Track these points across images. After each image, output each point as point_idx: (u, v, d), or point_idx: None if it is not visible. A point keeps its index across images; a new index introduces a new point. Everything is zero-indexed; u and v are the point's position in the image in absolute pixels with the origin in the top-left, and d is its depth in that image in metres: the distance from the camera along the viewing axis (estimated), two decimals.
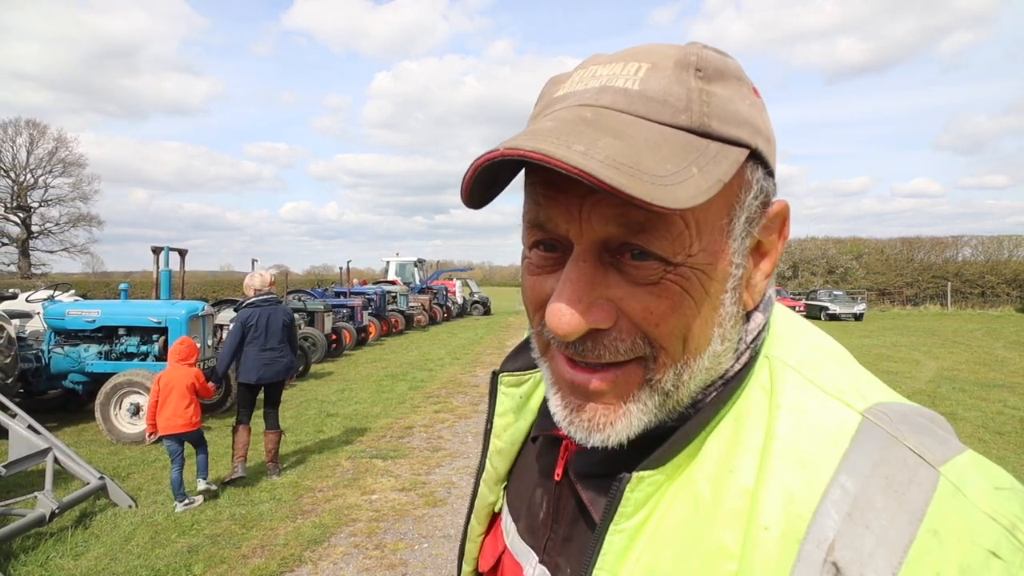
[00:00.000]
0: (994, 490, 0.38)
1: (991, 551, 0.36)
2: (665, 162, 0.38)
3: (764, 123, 0.44)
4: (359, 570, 3.53)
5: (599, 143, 0.38)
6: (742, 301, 0.45)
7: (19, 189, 40.22)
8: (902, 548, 0.36)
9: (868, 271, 32.26)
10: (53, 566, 3.51)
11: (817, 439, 0.40)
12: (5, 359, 6.30)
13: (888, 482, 0.38)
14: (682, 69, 0.41)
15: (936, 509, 0.37)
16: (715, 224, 0.41)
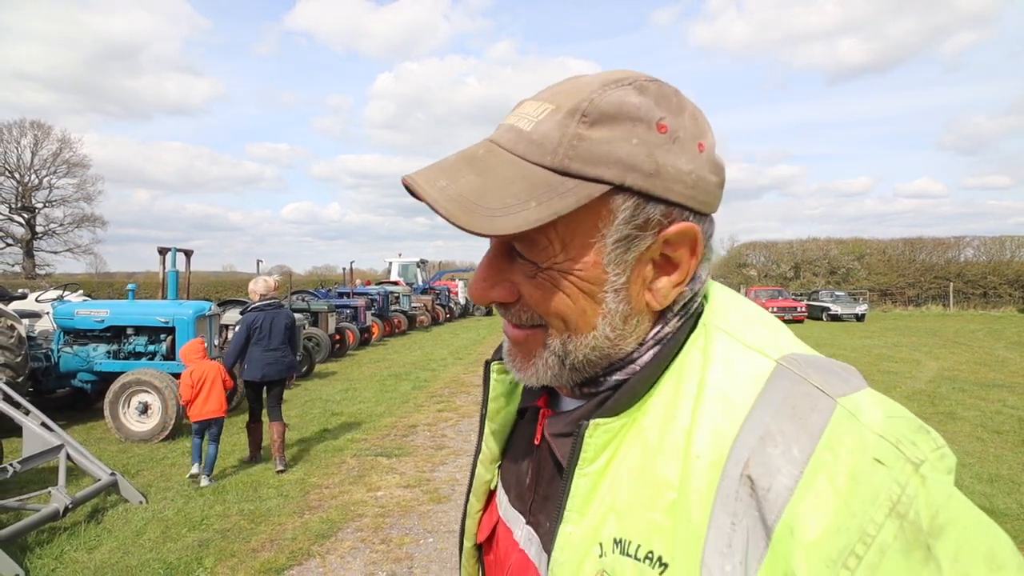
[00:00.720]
0: (886, 416, 0.46)
1: (877, 459, 0.43)
2: (507, 197, 0.48)
3: (654, 160, 0.50)
4: (366, 563, 3.62)
5: (461, 180, 0.50)
6: (635, 301, 0.54)
7: (24, 190, 40.41)
8: (802, 462, 0.44)
9: (870, 272, 32.28)
10: (68, 559, 3.61)
11: (739, 383, 0.49)
12: (16, 358, 6.41)
13: (794, 411, 0.46)
14: (569, 116, 0.50)
15: (832, 430, 0.45)
16: (582, 242, 0.52)
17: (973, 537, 0.42)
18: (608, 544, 0.50)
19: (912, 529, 0.41)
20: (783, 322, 0.56)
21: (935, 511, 0.42)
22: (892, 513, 0.42)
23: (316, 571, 3.52)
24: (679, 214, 0.53)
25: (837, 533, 0.41)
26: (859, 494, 0.42)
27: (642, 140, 0.50)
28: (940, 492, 0.43)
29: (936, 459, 0.45)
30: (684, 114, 0.53)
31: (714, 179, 0.55)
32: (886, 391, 8.74)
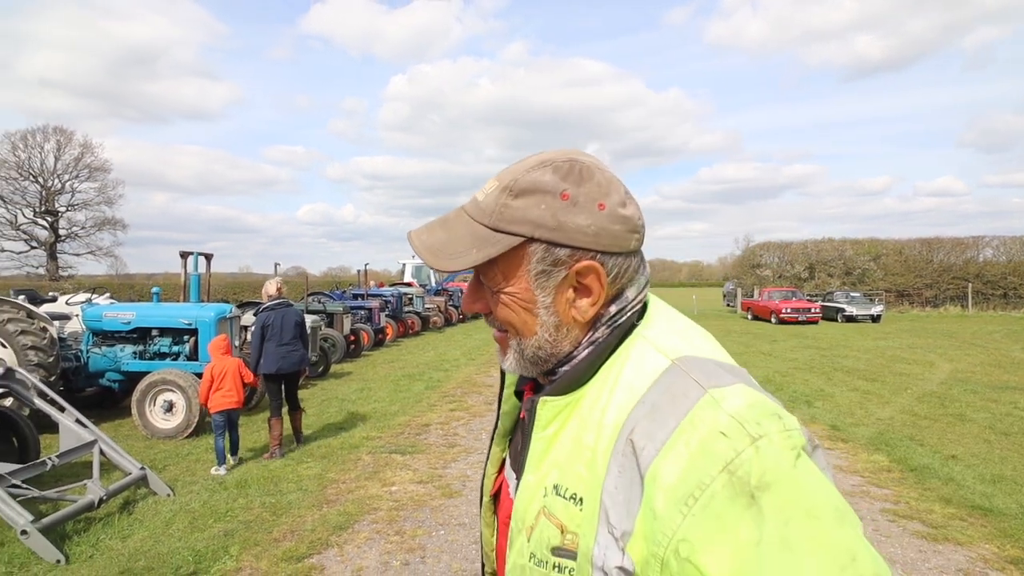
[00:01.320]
0: (744, 404, 0.62)
1: (722, 432, 0.60)
2: (459, 246, 0.73)
3: (556, 219, 0.71)
4: (381, 553, 3.81)
5: (434, 236, 0.76)
6: (562, 315, 0.75)
7: (47, 194, 41.31)
8: (669, 431, 0.62)
9: (886, 272, 31.95)
10: (103, 546, 3.85)
11: (641, 375, 0.68)
12: (48, 358, 6.71)
13: (672, 396, 0.65)
14: (502, 191, 0.73)
15: (696, 410, 0.63)
16: (515, 274, 0.74)
17: (797, 494, 0.57)
18: (550, 489, 0.70)
19: (739, 483, 0.57)
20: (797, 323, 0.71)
21: (763, 472, 0.58)
22: (724, 470, 0.58)
23: (334, 560, 3.72)
24: (584, 254, 0.72)
25: (684, 481, 0.59)
26: (703, 455, 0.59)
27: (548, 206, 0.71)
28: (770, 459, 0.58)
29: (779, 437, 0.60)
30: (587, 184, 0.72)
31: (618, 228, 0.73)
32: (896, 393, 8.82)
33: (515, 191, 0.72)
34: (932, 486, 4.97)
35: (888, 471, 5.42)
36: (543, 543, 0.70)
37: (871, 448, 6.11)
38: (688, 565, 0.58)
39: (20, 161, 40.04)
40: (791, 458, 0.60)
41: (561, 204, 0.71)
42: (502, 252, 0.71)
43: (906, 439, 6.38)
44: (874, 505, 4.63)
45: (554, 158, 0.74)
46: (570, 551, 0.67)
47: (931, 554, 3.82)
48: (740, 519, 0.57)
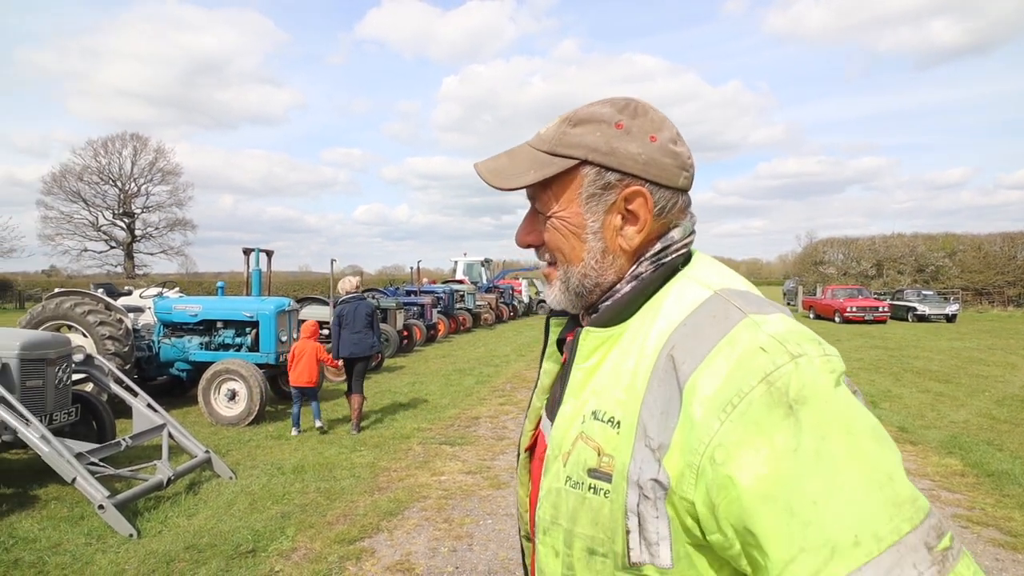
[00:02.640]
0: (785, 329, 0.64)
1: (761, 347, 0.62)
2: (519, 168, 0.77)
3: (609, 144, 0.74)
4: (429, 539, 3.87)
5: (499, 161, 0.80)
6: (609, 241, 0.77)
7: (125, 197, 44.02)
8: (709, 347, 0.64)
9: (963, 269, 30.07)
10: (171, 523, 4.06)
11: (682, 303, 0.71)
12: (123, 347, 7.14)
13: (714, 318, 0.67)
14: (562, 122, 0.78)
15: (736, 330, 0.65)
16: (568, 197, 0.77)
17: (835, 411, 0.58)
18: (588, 415, 0.72)
19: (778, 393, 0.59)
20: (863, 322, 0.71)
21: (801, 386, 0.59)
22: (763, 381, 0.60)
23: (384, 544, 3.81)
24: (633, 181, 0.75)
25: (723, 390, 0.61)
26: (743, 367, 0.61)
27: (603, 133, 0.75)
28: (809, 376, 0.59)
29: (819, 359, 0.61)
30: (641, 118, 0.76)
31: (667, 161, 0.76)
32: (973, 395, 8.32)
33: (574, 121, 0.77)
34: (1012, 492, 4.64)
35: (962, 475, 5.10)
36: (579, 465, 0.71)
37: (943, 451, 5.76)
38: (722, 471, 0.59)
39: (101, 166, 42.85)
40: (830, 379, 0.61)
41: (615, 132, 0.75)
42: (557, 173, 0.75)
43: (983, 443, 5.99)
44: (945, 510, 4.37)
45: (614, 98, 0.79)
46: (606, 473, 0.68)
47: (1009, 563, 3.57)
48: (777, 427, 0.58)
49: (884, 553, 0.55)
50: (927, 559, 0.56)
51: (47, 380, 4.76)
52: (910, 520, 0.57)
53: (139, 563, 3.49)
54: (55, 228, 42.48)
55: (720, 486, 0.59)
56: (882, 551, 0.55)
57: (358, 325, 6.64)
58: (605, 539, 0.68)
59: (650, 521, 0.65)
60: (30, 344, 4.66)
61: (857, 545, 0.55)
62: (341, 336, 6.61)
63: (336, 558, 3.59)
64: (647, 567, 0.66)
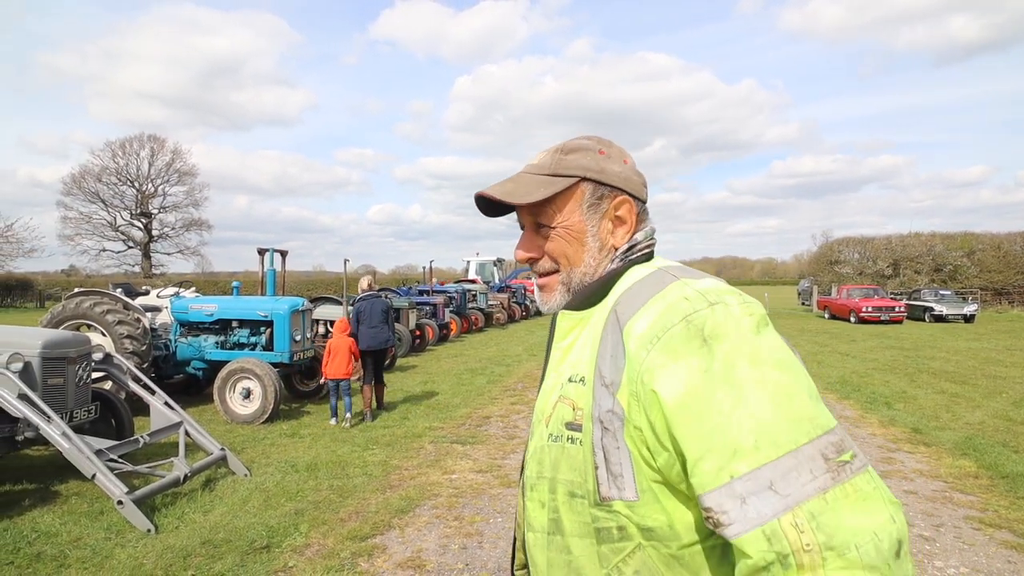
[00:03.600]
0: (710, 286, 0.81)
1: (685, 297, 0.79)
2: (527, 188, 0.93)
3: (599, 165, 0.94)
4: (440, 536, 3.92)
5: (506, 186, 0.96)
6: (604, 240, 0.94)
7: (142, 197, 44.63)
8: (644, 300, 0.82)
9: (982, 269, 29.55)
10: (188, 519, 4.15)
11: (631, 278, 0.90)
12: (142, 346, 7.27)
13: (652, 283, 0.85)
14: (555, 152, 0.97)
15: (667, 289, 0.82)
16: (571, 209, 0.94)
17: (743, 345, 0.73)
18: (564, 380, 0.89)
19: (695, 329, 0.74)
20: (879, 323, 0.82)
21: (715, 324, 0.74)
22: (683, 320, 0.76)
23: (396, 541, 3.86)
24: (619, 192, 0.95)
25: (651, 328, 0.78)
26: (668, 311, 0.78)
27: (592, 158, 0.95)
28: (722, 316, 0.75)
29: (737, 307, 0.76)
30: (613, 147, 0.98)
31: (637, 178, 0.98)
32: (989, 396, 8.24)
33: (565, 150, 0.96)
34: None
35: (975, 477, 5.05)
36: (559, 421, 0.86)
37: (957, 453, 5.71)
38: (650, 392, 0.74)
39: (119, 167, 43.51)
40: (748, 322, 0.75)
41: (600, 156, 0.95)
42: (562, 189, 0.92)
43: (998, 445, 5.92)
44: (957, 512, 4.34)
45: (588, 135, 0.99)
46: (579, 424, 0.82)
47: (1022, 565, 3.54)
48: (692, 353, 0.73)
49: (782, 457, 0.66)
50: (823, 467, 0.66)
51: (68, 378, 4.87)
52: (807, 434, 0.68)
53: (156, 557, 3.57)
54: (74, 228, 43.24)
55: (650, 403, 0.73)
56: (780, 456, 0.67)
57: (375, 320, 7.34)
58: (581, 481, 0.81)
59: (612, 453, 0.77)
60: (51, 343, 4.77)
61: (757, 449, 0.67)
62: (360, 330, 7.28)
63: (348, 554, 3.65)
64: (616, 503, 0.77)
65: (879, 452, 5.82)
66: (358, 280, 8.14)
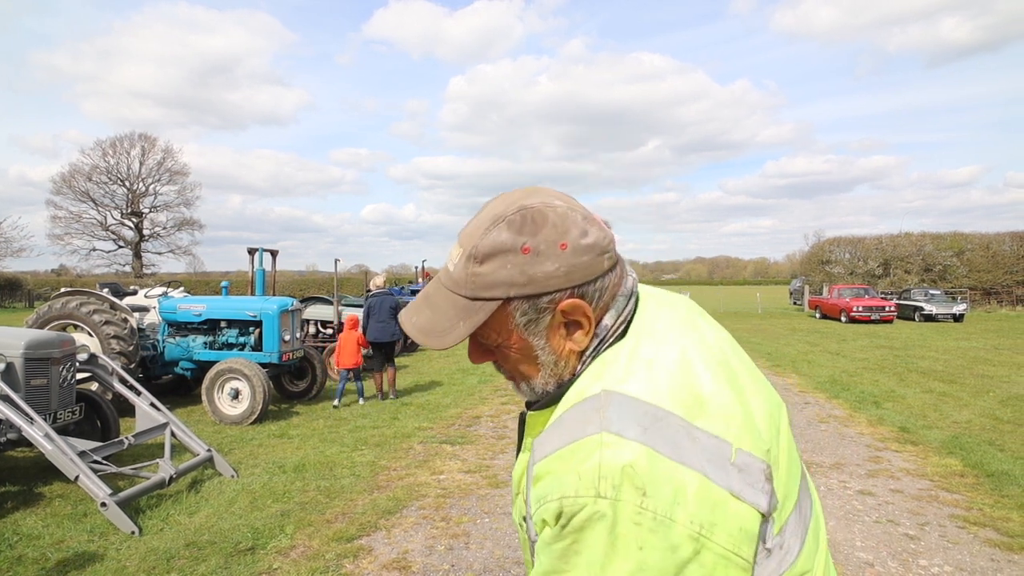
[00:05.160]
0: (622, 464, 0.64)
1: (578, 472, 0.65)
2: (446, 322, 0.77)
3: (524, 274, 0.74)
4: (426, 537, 3.91)
5: (421, 316, 0.80)
6: (560, 351, 0.79)
7: (133, 197, 44.33)
8: (555, 447, 0.69)
9: (971, 269, 29.79)
10: (172, 521, 4.11)
11: (575, 394, 0.74)
12: (129, 347, 7.21)
13: (574, 421, 0.70)
14: (468, 260, 0.76)
15: (579, 444, 0.67)
16: (506, 331, 0.78)
17: (592, 559, 0.63)
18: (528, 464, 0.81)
19: (564, 517, 0.65)
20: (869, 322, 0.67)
21: (583, 523, 0.63)
22: (558, 500, 0.65)
23: (382, 542, 3.84)
24: (563, 294, 0.75)
25: (541, 488, 0.68)
26: (559, 480, 0.66)
27: (513, 264, 0.74)
28: (596, 519, 0.63)
29: (627, 508, 0.62)
30: (543, 230, 0.74)
31: (585, 259, 0.75)
32: (977, 395, 8.29)
33: (479, 257, 0.75)
34: (1011, 493, 4.63)
35: (961, 476, 5.09)
36: (520, 511, 0.83)
37: (943, 452, 5.75)
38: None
39: (109, 166, 43.21)
40: (624, 529, 0.62)
41: (524, 259, 0.73)
42: (488, 318, 0.75)
43: (984, 443, 5.96)
44: (943, 510, 4.36)
45: (504, 212, 0.75)
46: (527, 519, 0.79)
47: (1005, 563, 3.57)
48: (548, 539, 0.67)
49: None
50: None
51: (51, 379, 4.82)
52: None
53: (140, 560, 3.54)
54: (64, 228, 42.91)
55: None
56: None
57: (383, 316, 8.16)
58: None
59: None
60: (34, 343, 4.72)
61: None
62: (369, 324, 8.16)
63: (334, 556, 3.63)
64: None
65: (867, 451, 5.85)
66: (372, 278, 9.23)
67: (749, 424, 0.71)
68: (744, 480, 0.66)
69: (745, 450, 0.68)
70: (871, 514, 4.33)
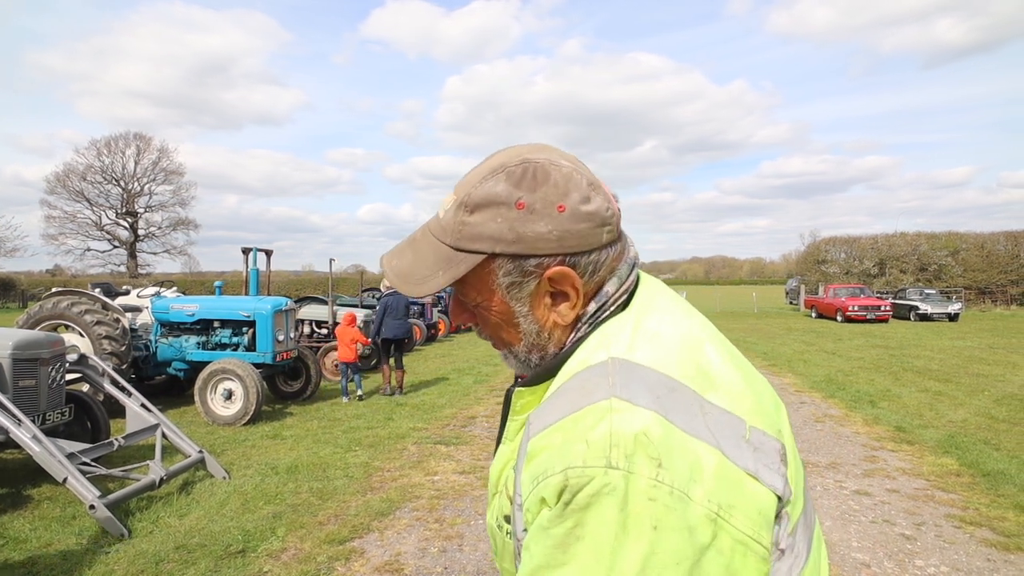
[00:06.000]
0: (635, 431, 0.57)
1: (587, 442, 0.58)
2: (426, 269, 0.71)
3: (514, 231, 0.68)
4: (420, 539, 3.87)
5: (403, 259, 0.74)
6: (543, 321, 0.72)
7: (128, 196, 44.12)
8: (557, 417, 0.62)
9: (966, 268, 29.89)
10: (162, 523, 4.06)
11: (575, 364, 0.68)
12: (120, 347, 7.15)
13: (579, 388, 0.63)
14: (458, 207, 0.70)
15: (588, 411, 0.60)
16: (487, 289, 0.72)
17: (604, 534, 0.55)
18: (511, 464, 0.76)
19: (568, 490, 0.56)
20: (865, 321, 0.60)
21: (592, 495, 0.55)
22: (562, 472, 0.57)
23: (375, 544, 3.80)
24: (552, 260, 0.69)
25: (541, 463, 0.60)
26: (562, 450, 0.59)
27: (504, 218, 0.68)
28: (607, 490, 0.55)
29: (641, 481, 0.55)
30: (543, 187, 0.68)
31: (583, 226, 0.68)
32: (972, 395, 8.28)
33: (470, 206, 0.69)
34: (1007, 492, 4.61)
35: (957, 475, 5.07)
36: (500, 511, 0.76)
37: (939, 451, 5.73)
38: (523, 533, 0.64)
39: (104, 166, 43.00)
40: (637, 504, 0.55)
41: (517, 214, 0.68)
42: (468, 272, 0.70)
43: (980, 443, 5.95)
44: (939, 510, 4.34)
45: (506, 162, 0.70)
46: (509, 515, 0.73)
47: (1001, 563, 3.55)
48: (545, 522, 0.58)
49: None
50: None
51: (40, 380, 4.76)
52: None
53: (128, 563, 3.49)
54: (58, 228, 42.68)
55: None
56: None
57: (399, 313, 8.49)
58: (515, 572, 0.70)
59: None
60: (23, 344, 4.66)
61: None
62: (384, 321, 8.39)
63: (325, 558, 3.58)
64: None
65: (863, 451, 5.83)
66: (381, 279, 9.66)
67: (759, 404, 0.66)
68: (759, 460, 0.61)
69: (759, 428, 0.63)
70: (867, 514, 4.31)
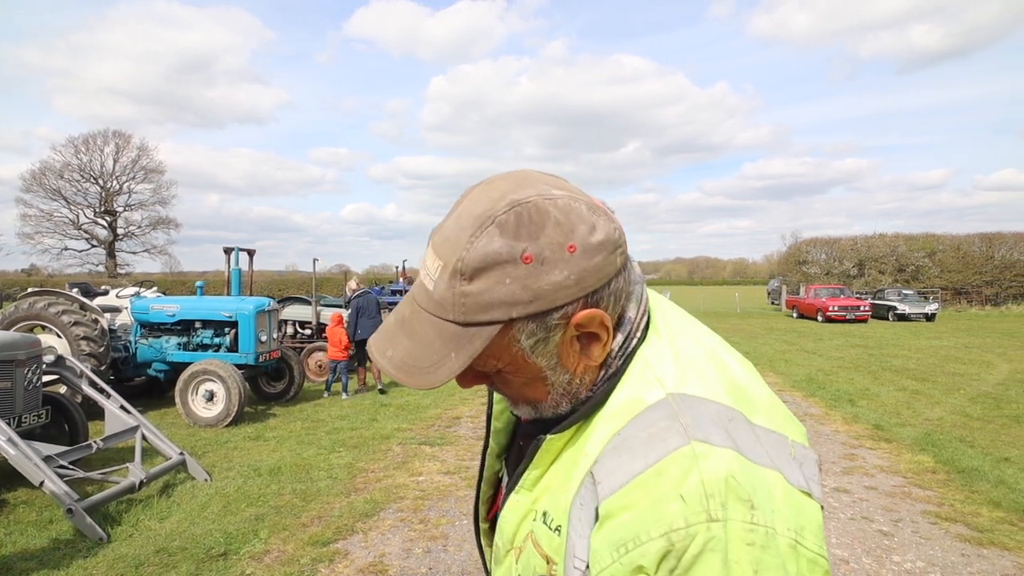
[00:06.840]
0: (722, 476, 0.54)
1: (682, 496, 0.53)
2: (433, 355, 0.61)
3: (527, 290, 0.58)
4: (404, 540, 3.86)
5: (399, 347, 0.63)
6: (573, 368, 0.65)
7: (106, 195, 43.37)
8: (632, 474, 0.56)
9: (942, 269, 30.46)
10: (142, 527, 4.01)
11: (627, 406, 0.61)
12: (99, 348, 7.04)
13: (649, 436, 0.57)
14: (452, 277, 0.59)
15: (668, 461, 0.55)
16: (509, 356, 0.63)
17: None
18: (540, 514, 0.67)
19: (673, 554, 0.52)
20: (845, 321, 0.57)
21: (693, 558, 0.52)
22: (664, 536, 0.52)
23: (359, 545, 3.79)
24: (575, 306, 0.60)
25: (626, 527, 0.54)
26: (653, 511, 0.54)
27: (513, 278, 0.58)
28: (711, 545, 0.52)
29: (737, 527, 0.52)
30: (546, 230, 0.58)
31: (598, 259, 0.60)
32: (948, 393, 8.45)
33: (467, 273, 0.58)
34: (981, 489, 4.72)
35: (933, 472, 5.18)
36: (530, 570, 0.67)
37: (916, 449, 5.85)
38: None
39: (82, 164, 42.22)
40: (737, 552, 0.52)
41: (526, 270, 0.58)
42: (486, 345, 0.60)
43: (955, 440, 6.08)
44: (915, 507, 4.43)
45: (491, 209, 0.59)
46: None
47: (974, 558, 3.63)
48: None
49: None
50: None
51: (16, 381, 4.67)
52: None
53: (107, 568, 3.44)
54: (35, 226, 41.82)
55: None
56: None
57: (372, 312, 8.55)
58: None
59: None
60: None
61: None
62: (359, 323, 8.45)
63: (309, 560, 3.56)
64: None
65: (842, 449, 5.93)
66: (356, 280, 9.67)
67: (787, 413, 0.64)
68: (805, 474, 0.59)
69: (798, 441, 0.62)
70: (846, 511, 4.38)
